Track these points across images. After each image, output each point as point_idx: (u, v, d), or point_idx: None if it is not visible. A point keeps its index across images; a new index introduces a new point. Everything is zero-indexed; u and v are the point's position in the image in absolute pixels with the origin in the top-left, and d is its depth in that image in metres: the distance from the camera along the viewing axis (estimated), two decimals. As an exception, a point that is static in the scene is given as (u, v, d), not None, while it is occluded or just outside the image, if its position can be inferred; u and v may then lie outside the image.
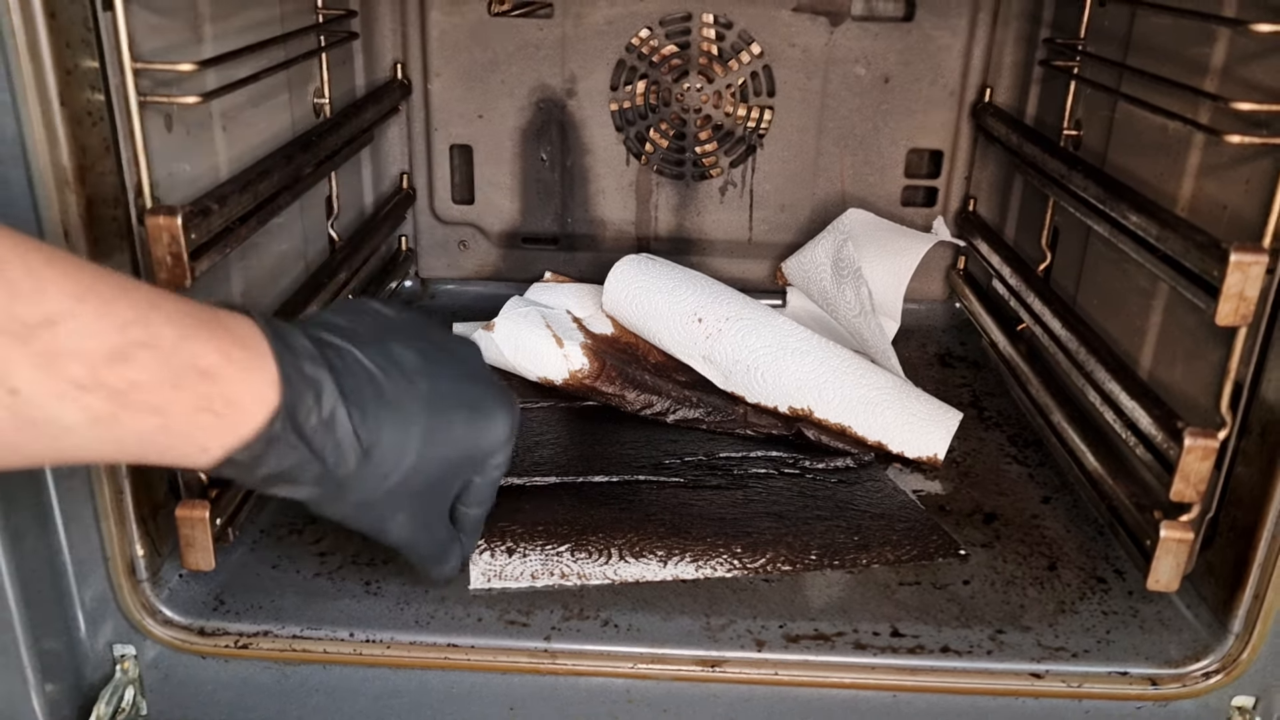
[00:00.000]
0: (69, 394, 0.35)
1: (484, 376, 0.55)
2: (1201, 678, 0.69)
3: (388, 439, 0.48)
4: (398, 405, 0.48)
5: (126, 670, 0.70)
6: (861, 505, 0.84)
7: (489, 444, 0.54)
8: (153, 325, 0.37)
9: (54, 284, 0.34)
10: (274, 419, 0.42)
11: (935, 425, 0.92)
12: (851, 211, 1.16)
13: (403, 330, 0.52)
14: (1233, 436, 0.68)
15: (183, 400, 0.39)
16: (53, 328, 0.34)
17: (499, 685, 0.70)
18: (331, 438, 0.45)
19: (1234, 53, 0.73)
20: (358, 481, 0.48)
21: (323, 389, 0.44)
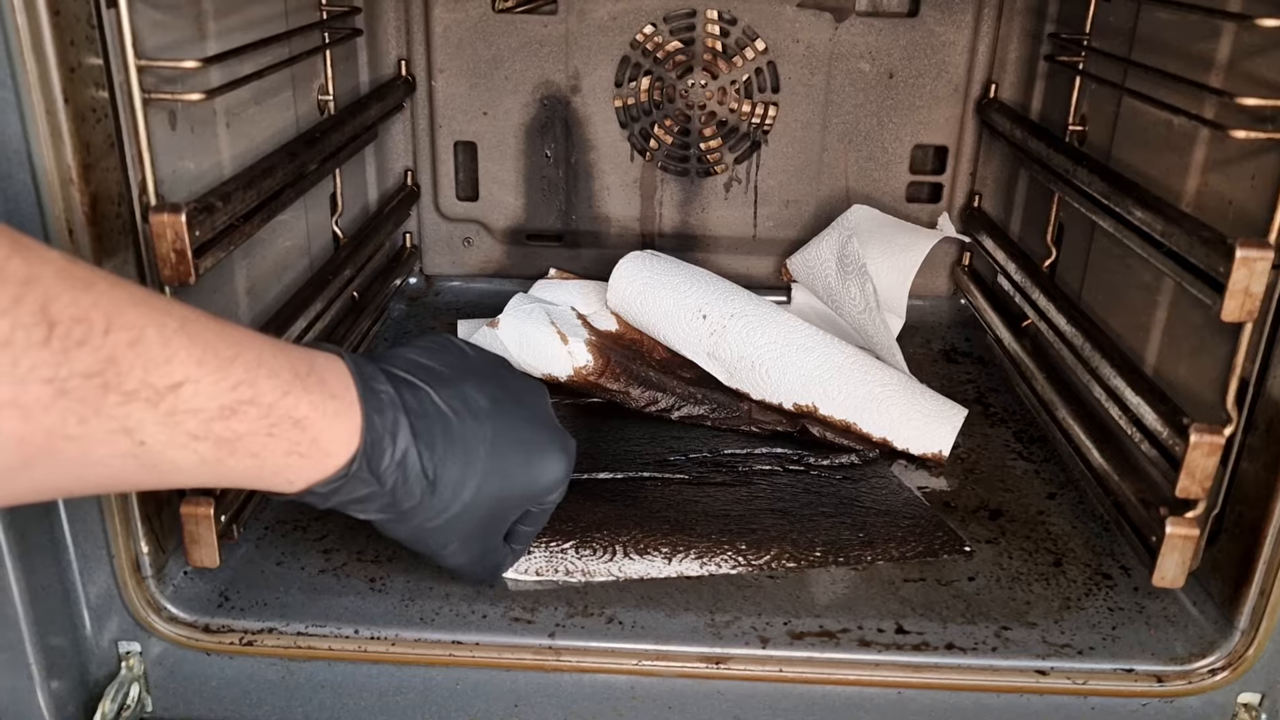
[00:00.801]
0: (186, 444, 0.41)
1: (548, 422, 0.60)
2: (1207, 674, 0.68)
3: (452, 475, 0.53)
4: (464, 446, 0.54)
5: (131, 667, 0.70)
6: (866, 502, 0.84)
7: (544, 485, 0.60)
8: (258, 384, 0.43)
9: (182, 350, 0.40)
10: (353, 460, 0.48)
11: (940, 422, 0.92)
12: (856, 208, 1.16)
13: (479, 372, 0.57)
14: (1238, 432, 0.68)
15: (277, 446, 0.45)
16: (177, 391, 0.40)
17: (503, 682, 0.70)
18: (401, 474, 0.51)
19: (1239, 48, 0.73)
20: (421, 511, 0.54)
21: (399, 432, 0.50)
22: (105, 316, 0.37)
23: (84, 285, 0.37)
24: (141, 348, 0.38)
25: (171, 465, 0.41)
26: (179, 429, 0.40)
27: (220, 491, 0.71)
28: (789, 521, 0.81)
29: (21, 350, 0.35)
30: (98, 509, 0.66)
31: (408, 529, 0.55)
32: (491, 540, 0.61)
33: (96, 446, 0.38)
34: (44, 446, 0.37)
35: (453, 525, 0.56)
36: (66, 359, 0.36)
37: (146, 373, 0.39)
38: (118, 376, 0.38)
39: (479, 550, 0.60)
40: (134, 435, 0.39)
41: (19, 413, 0.35)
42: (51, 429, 0.36)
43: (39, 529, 0.65)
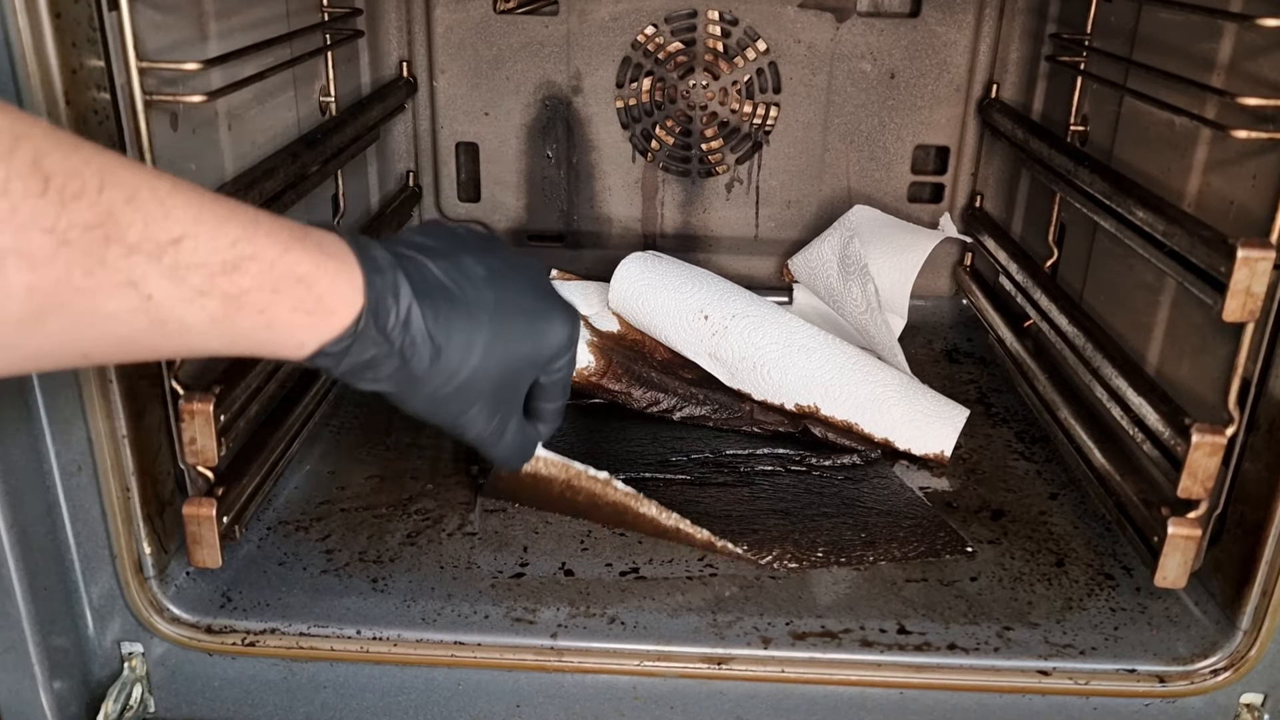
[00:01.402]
0: (192, 299, 0.42)
1: (547, 290, 0.61)
2: (1209, 675, 0.68)
3: (457, 339, 0.54)
4: (467, 310, 0.54)
5: (134, 668, 0.70)
6: (868, 502, 0.84)
7: (549, 348, 0.59)
8: (257, 240, 0.44)
9: (178, 208, 0.41)
10: (359, 318, 0.49)
11: (942, 422, 0.92)
12: (858, 208, 1.16)
13: (474, 247, 0.57)
14: (1240, 432, 0.68)
15: (283, 303, 0.45)
16: (178, 245, 0.41)
17: (505, 682, 0.70)
18: (408, 335, 0.52)
19: (1240, 48, 0.73)
20: (431, 377, 0.54)
21: (400, 292, 0.51)
22: (98, 174, 0.38)
23: (72, 146, 0.38)
24: (138, 204, 0.39)
25: (181, 323, 0.42)
26: (184, 284, 0.41)
27: (222, 491, 0.72)
28: (791, 522, 0.81)
29: (20, 199, 0.36)
30: (100, 509, 0.66)
31: (422, 398, 0.55)
32: (508, 411, 0.61)
33: (106, 300, 0.39)
34: (54, 298, 0.38)
35: (465, 392, 0.56)
36: (65, 210, 0.37)
37: (146, 227, 0.40)
38: (118, 229, 0.39)
39: (497, 422, 0.60)
40: (141, 288, 0.40)
41: (24, 261, 0.36)
42: (59, 280, 0.37)
43: (41, 529, 0.65)
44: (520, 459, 0.64)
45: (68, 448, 0.64)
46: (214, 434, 0.69)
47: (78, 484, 0.65)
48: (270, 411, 0.83)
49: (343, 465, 0.88)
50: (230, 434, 0.72)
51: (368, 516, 0.81)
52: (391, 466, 0.88)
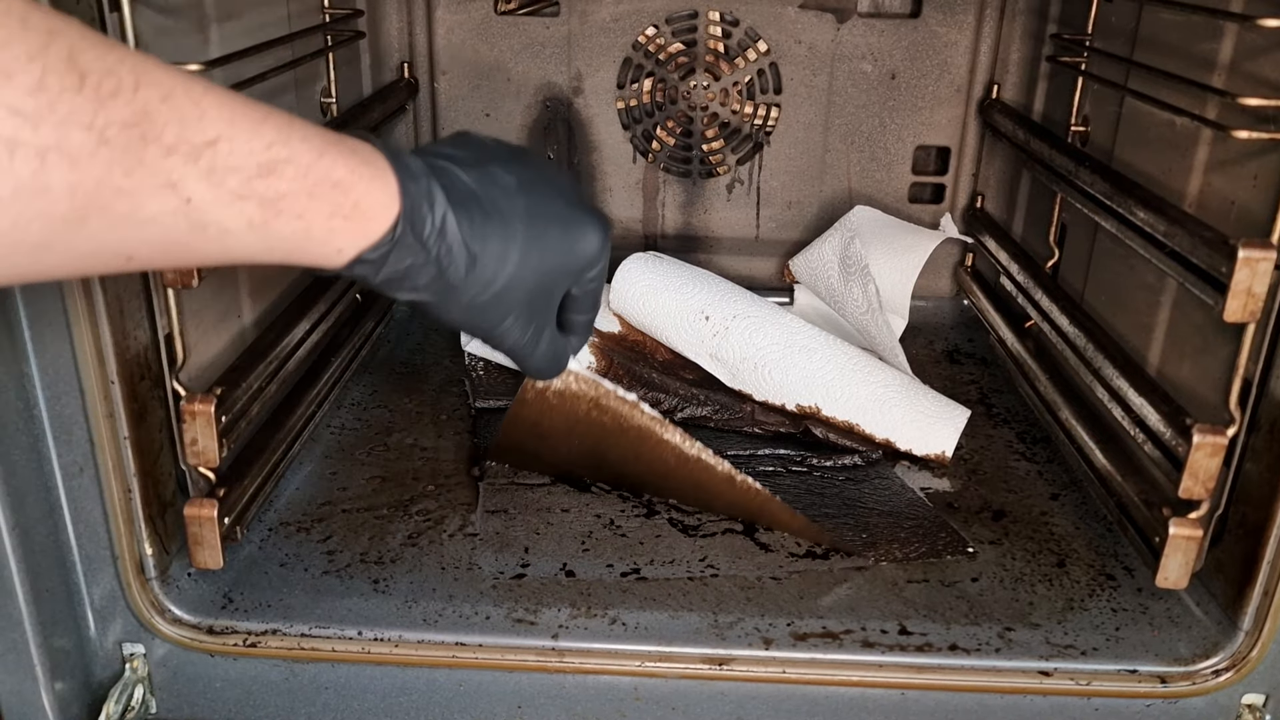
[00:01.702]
0: (230, 202, 0.42)
1: (578, 199, 0.60)
2: (1211, 675, 0.68)
3: (492, 248, 0.54)
4: (500, 219, 0.54)
5: (136, 669, 0.70)
6: (869, 503, 0.84)
7: (583, 256, 0.59)
8: (292, 144, 0.44)
9: (212, 109, 0.41)
10: (396, 223, 0.49)
11: (943, 423, 0.92)
12: (859, 209, 1.16)
13: (502, 157, 0.57)
14: (1241, 433, 0.68)
15: (319, 208, 0.45)
16: (214, 147, 0.41)
17: (507, 683, 0.70)
18: (444, 243, 0.52)
19: (1241, 48, 0.73)
20: (467, 286, 0.54)
21: (435, 200, 0.51)
22: (133, 73, 0.38)
23: (106, 44, 0.38)
24: (173, 103, 0.40)
25: (220, 228, 0.42)
26: (222, 187, 0.41)
27: (224, 492, 0.72)
28: None
29: (57, 95, 0.36)
30: (102, 510, 0.66)
31: (459, 308, 0.55)
32: (543, 321, 0.61)
33: (146, 201, 0.39)
34: (95, 198, 0.38)
35: (502, 301, 0.56)
36: (102, 107, 0.37)
37: (182, 127, 0.40)
38: (154, 129, 0.39)
39: (533, 332, 0.60)
40: (180, 191, 0.40)
41: (65, 159, 0.36)
42: (100, 179, 0.38)
43: (43, 531, 0.65)
44: (554, 369, 0.64)
45: (69, 449, 0.64)
46: (215, 435, 0.69)
47: (79, 485, 0.65)
48: (271, 412, 0.83)
49: (344, 466, 0.88)
50: (232, 435, 0.72)
51: (369, 517, 0.81)
52: (392, 467, 0.88)
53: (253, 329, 0.84)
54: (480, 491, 0.85)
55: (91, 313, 0.61)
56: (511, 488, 0.85)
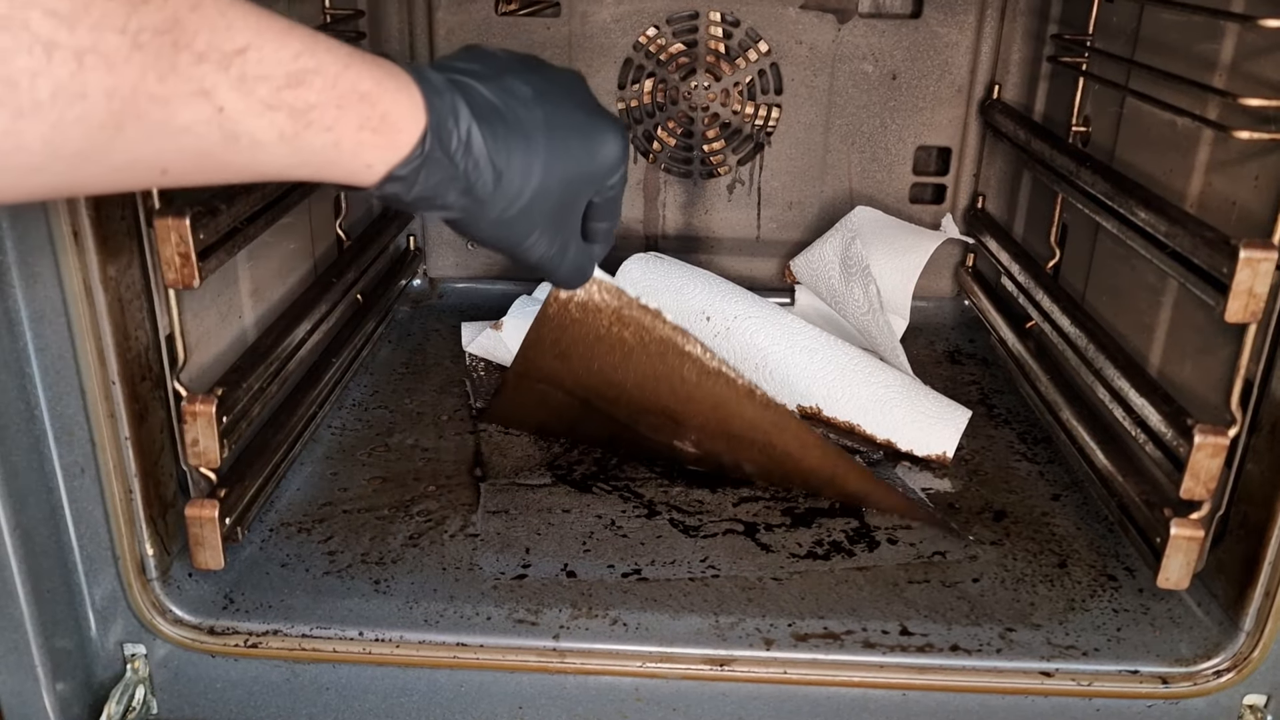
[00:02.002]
0: (261, 112, 0.43)
1: (594, 105, 0.61)
2: (1213, 676, 0.68)
3: (517, 161, 0.54)
4: (522, 132, 0.55)
5: (137, 669, 0.70)
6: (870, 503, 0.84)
7: (604, 164, 0.60)
8: (318, 55, 0.45)
9: (239, 19, 0.42)
10: (424, 136, 0.49)
11: (944, 423, 0.92)
12: (860, 209, 1.16)
13: (516, 68, 0.57)
14: (1243, 433, 0.68)
15: (348, 119, 0.46)
16: (243, 55, 0.42)
17: (508, 684, 0.70)
18: (471, 159, 0.52)
19: (1242, 48, 0.73)
20: (495, 201, 0.55)
21: (459, 114, 0.51)
22: None
23: None
24: (202, 12, 0.40)
25: (252, 139, 0.43)
26: (252, 96, 0.42)
27: (225, 492, 0.72)
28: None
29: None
30: (103, 511, 0.66)
31: (488, 223, 0.56)
32: (569, 230, 0.61)
33: (180, 109, 0.40)
34: (131, 104, 0.39)
35: (529, 213, 0.57)
36: (135, 12, 0.38)
37: (212, 34, 0.41)
38: (185, 36, 0.40)
39: (560, 243, 0.60)
40: (212, 99, 0.41)
41: (102, 62, 0.37)
42: (135, 84, 0.38)
43: (45, 531, 0.65)
44: (580, 278, 0.65)
45: (70, 449, 0.64)
46: (216, 435, 0.69)
47: (80, 486, 0.65)
48: (272, 413, 0.83)
49: (345, 467, 0.88)
50: (232, 435, 0.72)
51: (370, 518, 0.81)
52: (393, 468, 0.88)
53: (254, 329, 0.84)
54: (481, 492, 0.85)
55: (93, 313, 0.61)
56: (513, 488, 0.85)
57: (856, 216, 1.15)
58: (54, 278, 0.60)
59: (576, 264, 0.63)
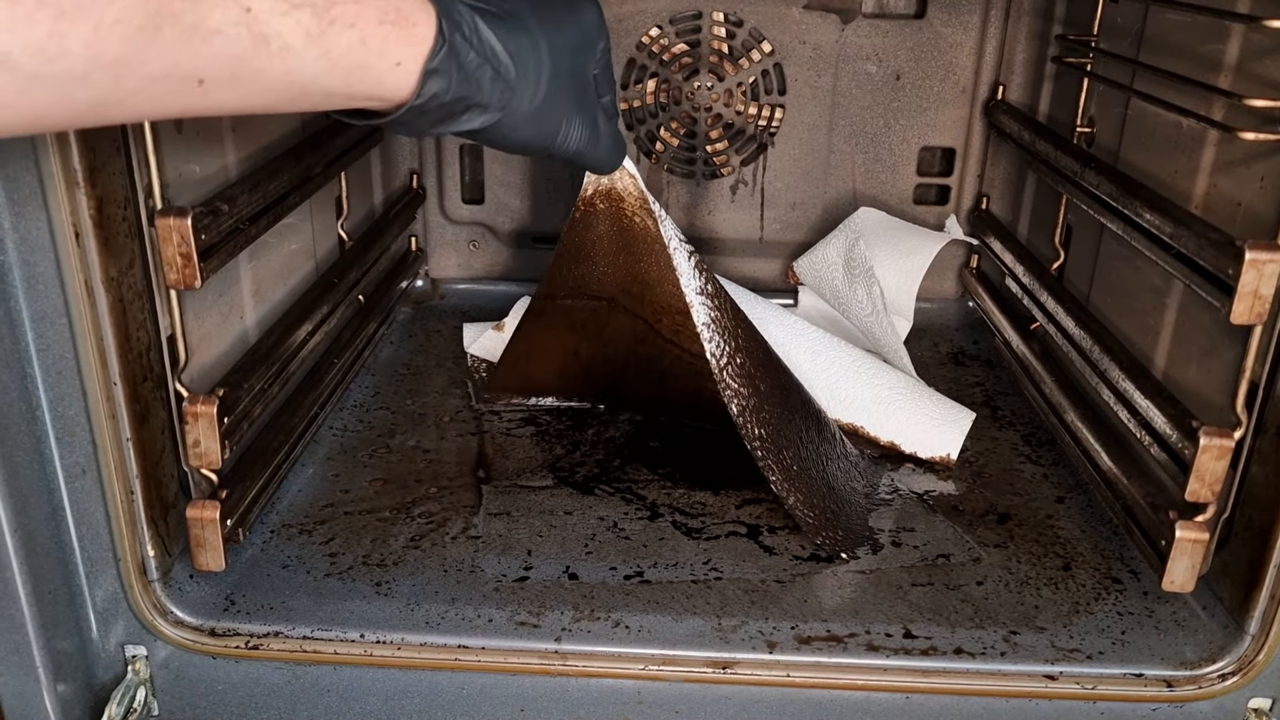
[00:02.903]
0: (286, 11, 0.44)
1: None
2: (1217, 679, 0.68)
3: (524, 43, 0.57)
4: (514, 17, 0.57)
5: (138, 670, 0.70)
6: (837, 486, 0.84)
7: (590, 27, 0.63)
8: None
9: None
10: (440, 25, 0.51)
11: (948, 425, 0.91)
12: (863, 210, 1.15)
13: None
14: (1248, 436, 0.68)
15: (368, 14, 0.48)
16: None
17: (510, 686, 0.70)
18: (484, 45, 0.54)
19: (1248, 49, 0.72)
20: (522, 86, 0.57)
21: (460, 8, 0.53)
22: None
23: None
24: None
25: (282, 42, 0.45)
26: None
27: (226, 494, 0.71)
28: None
29: None
30: (104, 512, 0.66)
31: (524, 116, 0.58)
32: (591, 109, 0.64)
33: (210, 10, 0.42)
34: (166, 4, 0.40)
35: (555, 97, 0.59)
36: None
37: None
38: None
39: (589, 122, 0.63)
40: (240, 1, 0.43)
41: None
42: None
43: (46, 533, 0.65)
44: (619, 151, 0.67)
45: (71, 450, 0.64)
46: (217, 436, 0.69)
47: (82, 487, 0.65)
48: (274, 414, 0.83)
49: (346, 468, 0.88)
50: (234, 436, 0.71)
51: (371, 520, 0.81)
52: (395, 469, 0.88)
53: (255, 330, 0.84)
54: (483, 494, 0.84)
55: (94, 313, 0.61)
56: (515, 490, 0.85)
57: (860, 218, 1.15)
58: (55, 278, 0.60)
59: (610, 139, 0.65)
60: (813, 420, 0.84)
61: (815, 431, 0.83)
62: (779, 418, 0.80)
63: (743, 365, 0.78)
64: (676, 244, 0.77)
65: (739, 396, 0.77)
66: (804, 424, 0.82)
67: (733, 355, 0.77)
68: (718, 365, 0.76)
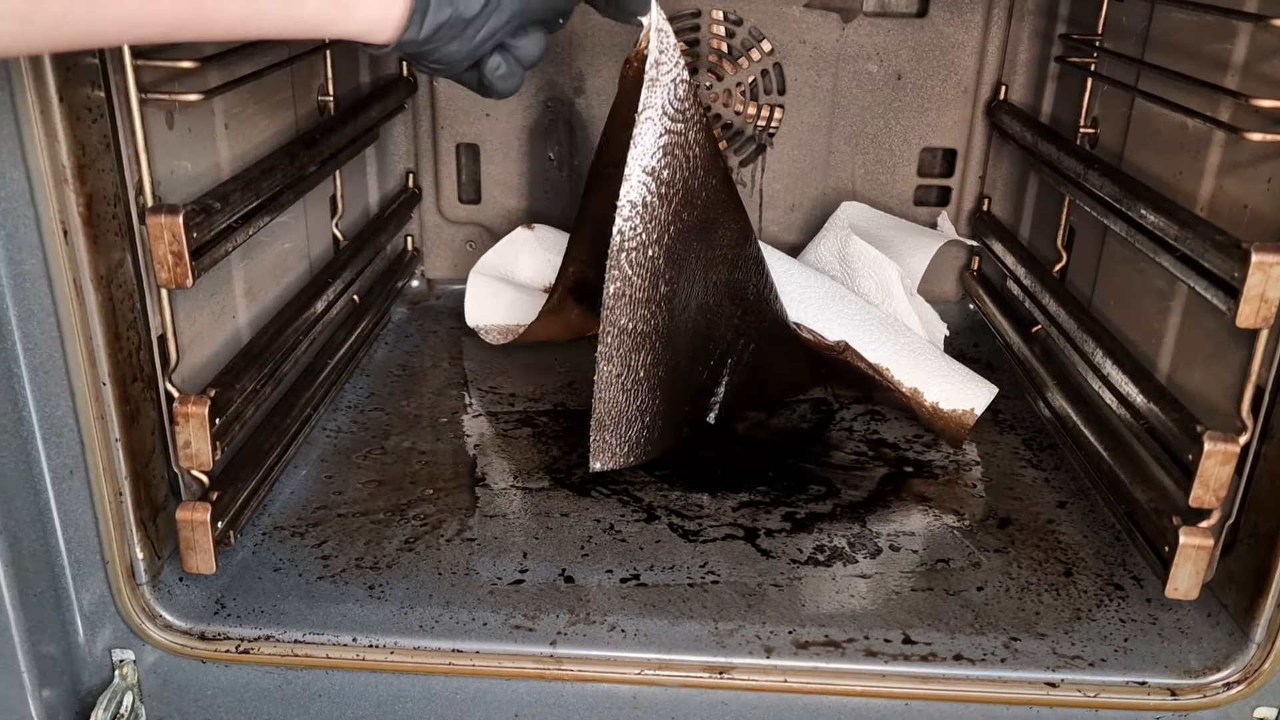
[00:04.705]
0: None
1: None
2: (1222, 688, 0.67)
3: None
4: None
5: (125, 675, 0.69)
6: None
7: None
8: None
9: None
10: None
11: (973, 386, 0.90)
12: (845, 205, 1.15)
13: None
14: (1254, 441, 0.67)
15: None
16: None
17: (504, 691, 0.69)
18: None
19: (1255, 49, 0.72)
20: None
21: None
22: None
23: None
24: None
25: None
26: None
27: (217, 495, 0.70)
28: None
29: None
30: (92, 514, 0.65)
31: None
32: None
33: None
34: None
35: None
36: None
37: None
38: None
39: None
40: None
41: None
42: None
43: (32, 535, 0.64)
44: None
45: (59, 451, 0.63)
46: (209, 437, 0.68)
47: (69, 488, 0.64)
48: (266, 415, 0.82)
49: (340, 470, 0.87)
50: (225, 438, 0.71)
51: (365, 522, 0.80)
52: (390, 471, 0.87)
53: (248, 330, 0.83)
54: (478, 496, 0.83)
55: (83, 312, 0.61)
56: (510, 492, 0.84)
57: (844, 212, 1.14)
58: (43, 276, 0.59)
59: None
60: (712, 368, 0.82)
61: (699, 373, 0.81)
62: (665, 326, 0.76)
63: (652, 259, 0.73)
64: (655, 114, 0.72)
65: (625, 282, 0.73)
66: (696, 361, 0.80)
67: (645, 245, 0.73)
68: (618, 244, 0.72)
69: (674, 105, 0.73)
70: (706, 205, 0.78)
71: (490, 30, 0.57)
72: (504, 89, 0.62)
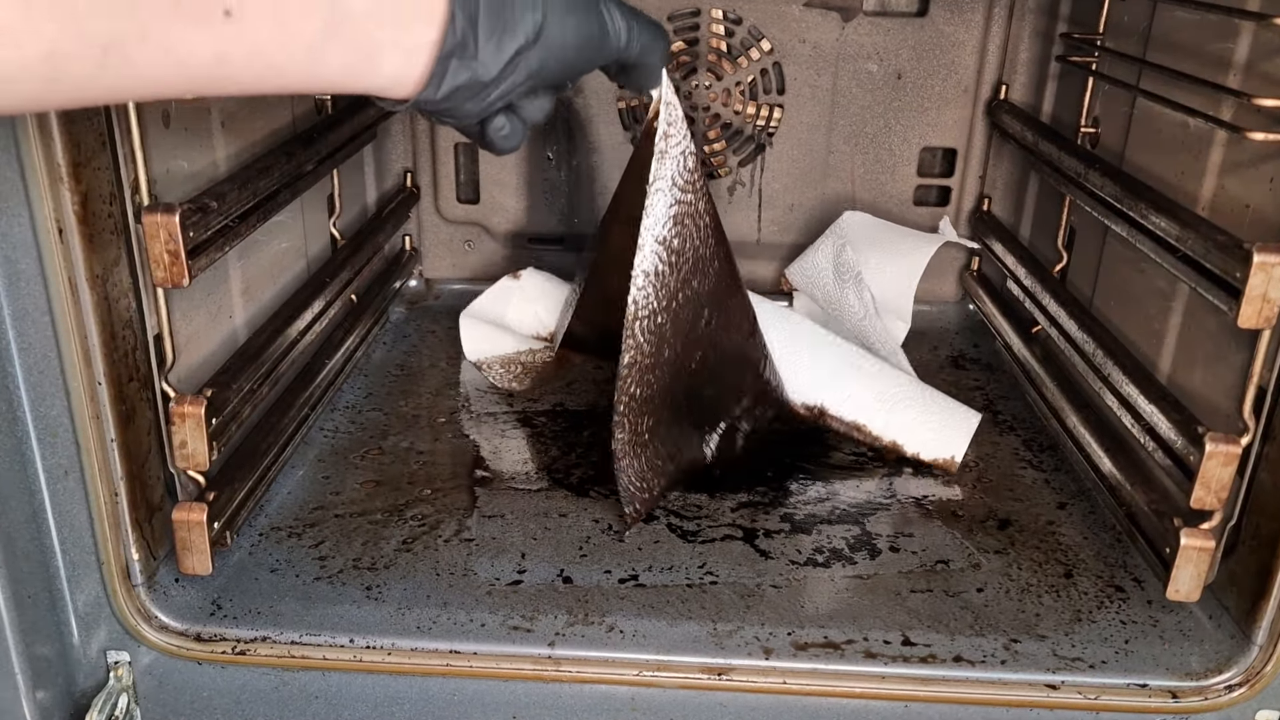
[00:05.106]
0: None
1: None
2: (1224, 690, 0.67)
3: None
4: None
5: (120, 677, 0.69)
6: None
7: None
8: None
9: None
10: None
11: (953, 427, 0.90)
12: (848, 214, 1.14)
13: None
14: (1255, 442, 0.67)
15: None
16: None
17: (502, 692, 0.69)
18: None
19: (1258, 48, 0.71)
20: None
21: None
22: None
23: None
24: None
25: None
26: None
27: (213, 496, 0.70)
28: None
29: None
30: (87, 514, 0.65)
31: (571, 30, 0.58)
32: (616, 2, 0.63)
33: None
34: None
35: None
36: None
37: None
38: None
39: (621, 19, 0.62)
40: None
41: None
42: None
43: (27, 536, 0.63)
44: (660, 37, 0.66)
45: (54, 451, 0.63)
46: (205, 437, 0.67)
47: (64, 488, 0.64)
48: (263, 415, 0.82)
49: (337, 470, 0.86)
50: (222, 438, 0.70)
51: (362, 522, 0.79)
52: (387, 471, 0.86)
53: (245, 330, 0.83)
54: (476, 496, 0.83)
55: (78, 311, 0.60)
56: (509, 492, 0.84)
57: (846, 222, 1.14)
58: (38, 275, 0.59)
59: (648, 27, 0.64)
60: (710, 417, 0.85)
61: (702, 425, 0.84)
62: (665, 389, 0.78)
63: (660, 326, 0.75)
64: (665, 185, 0.74)
65: (638, 351, 0.74)
66: (695, 415, 0.82)
67: (655, 313, 0.74)
68: (633, 313, 0.73)
69: (683, 176, 0.74)
70: (718, 274, 0.80)
71: (503, 93, 0.57)
72: (505, 148, 0.62)
